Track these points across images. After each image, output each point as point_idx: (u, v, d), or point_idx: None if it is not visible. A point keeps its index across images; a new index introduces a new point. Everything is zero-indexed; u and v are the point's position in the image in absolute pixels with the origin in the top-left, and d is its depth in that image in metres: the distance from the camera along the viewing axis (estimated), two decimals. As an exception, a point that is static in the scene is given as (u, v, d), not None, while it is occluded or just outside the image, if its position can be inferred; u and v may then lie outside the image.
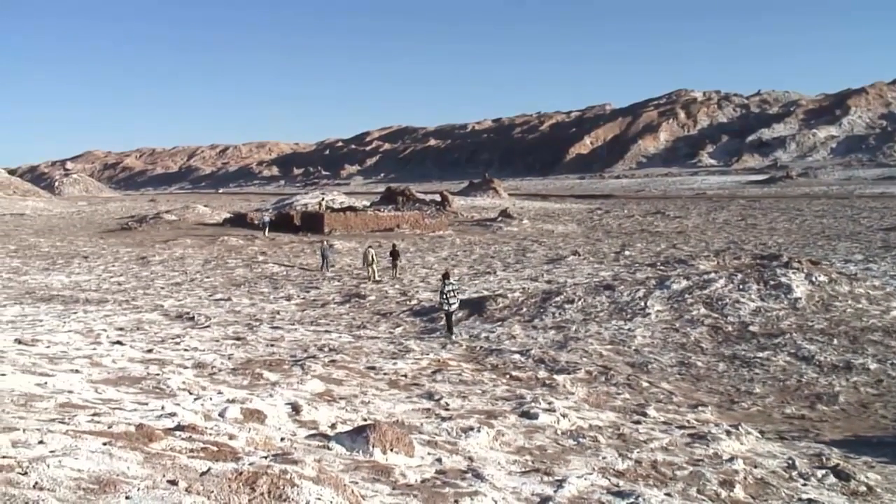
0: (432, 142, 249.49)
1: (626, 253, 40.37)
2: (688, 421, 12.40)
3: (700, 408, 13.49)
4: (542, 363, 16.23)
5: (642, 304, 21.68)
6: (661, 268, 32.32)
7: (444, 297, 19.78)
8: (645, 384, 14.91)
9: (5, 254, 39.84)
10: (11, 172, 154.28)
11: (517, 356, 16.81)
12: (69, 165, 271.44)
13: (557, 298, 22.78)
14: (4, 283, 29.63)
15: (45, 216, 71.41)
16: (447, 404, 12.38)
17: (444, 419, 11.20)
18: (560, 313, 21.52)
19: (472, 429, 10.44)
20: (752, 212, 70.76)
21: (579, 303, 22.24)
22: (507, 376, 15.08)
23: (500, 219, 61.04)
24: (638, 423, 11.99)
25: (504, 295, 24.13)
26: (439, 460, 8.68)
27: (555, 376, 15.00)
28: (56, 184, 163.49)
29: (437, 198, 73.56)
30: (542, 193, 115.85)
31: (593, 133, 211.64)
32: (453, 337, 19.50)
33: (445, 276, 20.84)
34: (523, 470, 8.81)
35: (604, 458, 9.73)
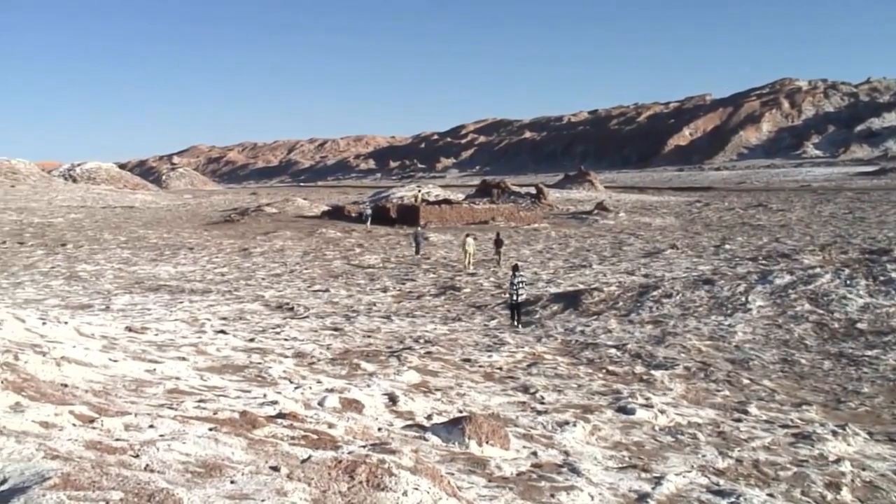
0: (528, 134, 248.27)
1: (727, 247, 39.48)
2: (791, 420, 12.07)
3: (804, 407, 13.10)
4: (638, 358, 16.04)
5: (743, 299, 21.18)
6: (763, 262, 31.57)
7: (514, 288, 20.34)
8: (746, 381, 14.58)
9: (116, 245, 41.31)
10: (122, 167, 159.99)
11: (613, 351, 16.64)
12: (175, 160, 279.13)
13: (655, 293, 22.45)
14: (115, 272, 30.74)
15: (153, 209, 73.71)
16: (543, 398, 12.35)
17: (539, 413, 11.19)
18: (657, 308, 21.21)
19: (567, 423, 10.41)
20: (860, 205, 68.30)
21: (677, 297, 21.87)
22: (604, 371, 14.95)
23: (595, 211, 60.41)
24: (739, 420, 11.75)
25: (600, 289, 23.91)
26: (535, 454, 8.67)
27: (652, 372, 14.81)
28: (163, 177, 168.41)
29: (533, 190, 73.23)
30: (638, 186, 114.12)
31: (693, 124, 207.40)
32: (520, 327, 19.99)
33: (515, 268, 21.43)
34: (620, 466, 8.74)
35: (703, 455, 9.57)
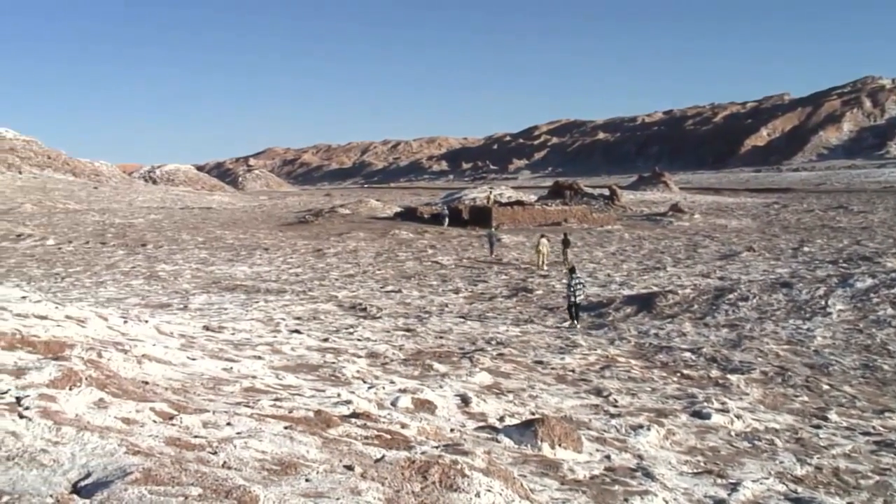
0: (601, 135, 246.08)
1: (805, 249, 38.58)
2: (873, 427, 11.74)
3: (886, 414, 12.73)
4: (714, 362, 15.78)
5: (823, 302, 20.67)
6: (844, 265, 30.79)
7: (571, 289, 20.73)
8: (825, 387, 14.23)
9: (194, 245, 42.16)
10: (200, 169, 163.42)
11: (688, 354, 16.41)
12: (251, 162, 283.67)
13: (731, 296, 22.05)
14: (193, 272, 31.38)
15: (230, 210, 75.05)
16: (616, 401, 12.24)
17: (612, 416, 11.09)
18: (733, 311, 20.83)
19: (641, 427, 10.30)
20: (946, 206, 66.12)
21: (754, 300, 21.44)
22: (678, 374, 14.76)
23: (670, 213, 59.60)
24: (818, 427, 11.48)
25: (674, 291, 23.57)
26: (608, 457, 8.60)
27: (728, 376, 14.56)
28: (240, 179, 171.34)
29: (606, 192, 72.57)
30: (714, 187, 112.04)
31: (770, 124, 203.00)
32: (577, 327, 20.24)
33: (572, 270, 22.17)
34: (695, 471, 8.62)
35: (781, 462, 9.38)
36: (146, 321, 14.26)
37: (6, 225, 47.56)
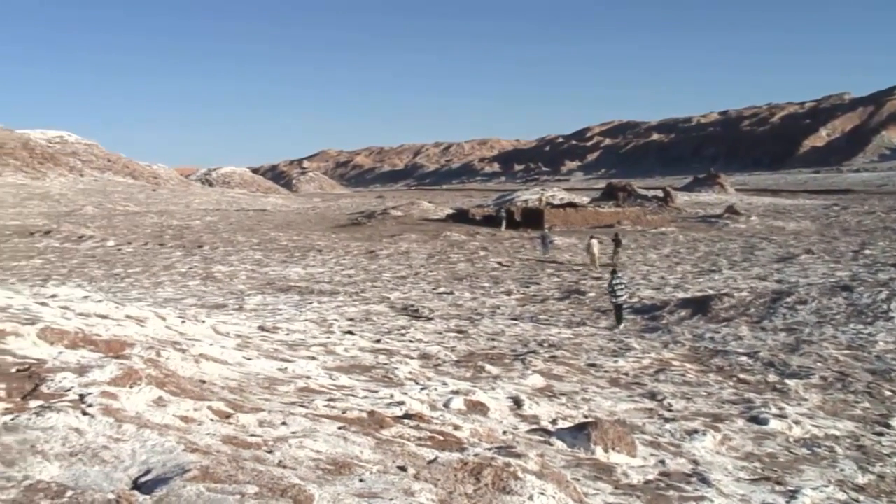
0: (655, 136, 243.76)
1: (867, 252, 37.79)
2: (937, 434, 11.48)
3: (951, 421, 12.43)
4: (771, 366, 15.54)
5: (885, 306, 20.24)
6: (906, 268, 30.08)
7: (612, 289, 21.14)
8: (888, 393, 13.92)
9: (249, 247, 42.67)
10: (254, 171, 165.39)
11: (744, 358, 16.19)
12: (305, 164, 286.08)
13: (789, 299, 21.71)
14: (248, 273, 31.77)
15: (284, 212, 75.79)
16: (670, 405, 12.13)
17: (667, 420, 10.99)
18: (791, 315, 20.50)
19: (696, 431, 10.20)
20: None
21: (813, 304, 21.08)
22: (734, 379, 14.56)
23: (726, 215, 58.81)
24: (880, 434, 11.24)
25: (730, 294, 23.26)
26: (662, 462, 8.53)
27: (786, 381, 14.32)
28: (293, 181, 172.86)
29: (660, 193, 71.85)
30: (771, 188, 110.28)
31: (830, 124, 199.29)
32: (621, 327, 20.53)
33: (614, 271, 22.69)
34: (752, 477, 8.50)
35: (841, 470, 9.21)
36: (203, 321, 14.47)
37: (69, 227, 48.62)
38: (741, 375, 14.82)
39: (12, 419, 5.35)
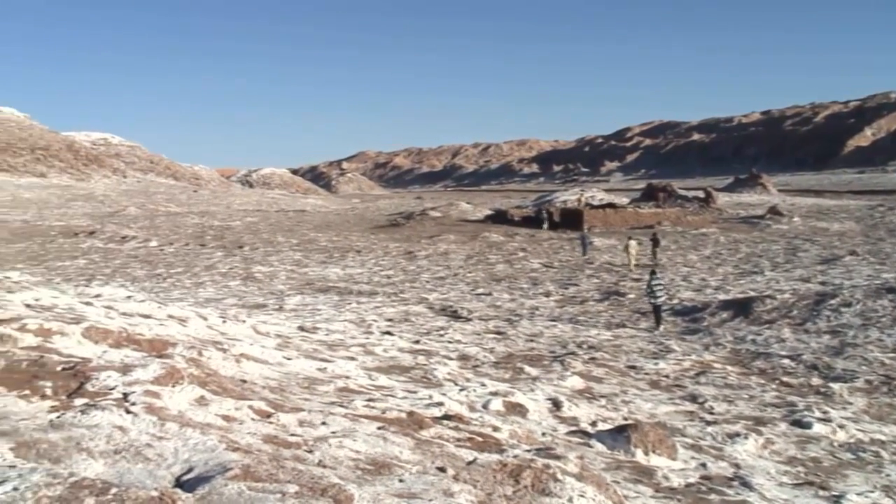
0: (695, 136, 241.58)
1: (913, 253, 37.19)
2: None
3: None
4: (815, 369, 15.34)
5: (931, 309, 19.88)
6: (954, 270, 29.53)
7: (651, 290, 20.96)
8: (934, 397, 13.68)
9: (289, 247, 42.96)
10: (294, 172, 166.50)
11: (787, 361, 15.99)
12: (344, 165, 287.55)
13: (833, 301, 21.39)
14: (288, 274, 31.99)
15: (323, 213, 76.21)
16: (711, 408, 12.02)
17: (708, 423, 10.90)
18: (835, 317, 20.21)
19: (738, 435, 10.09)
20: None
21: (858, 306, 20.75)
22: (777, 382, 14.39)
23: (768, 216, 58.15)
24: (927, 438, 11.04)
25: (772, 296, 22.99)
26: (703, 465, 8.45)
27: (830, 384, 14.12)
28: (333, 182, 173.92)
29: (701, 194, 71.21)
30: (815, 189, 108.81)
31: (875, 124, 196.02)
32: (661, 328, 20.31)
33: (653, 272, 22.29)
34: (795, 482, 8.39)
35: (887, 475, 9.07)
36: (244, 321, 14.59)
37: (112, 227, 49.31)
38: (784, 378, 14.65)
39: (58, 417, 5.44)
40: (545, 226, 51.85)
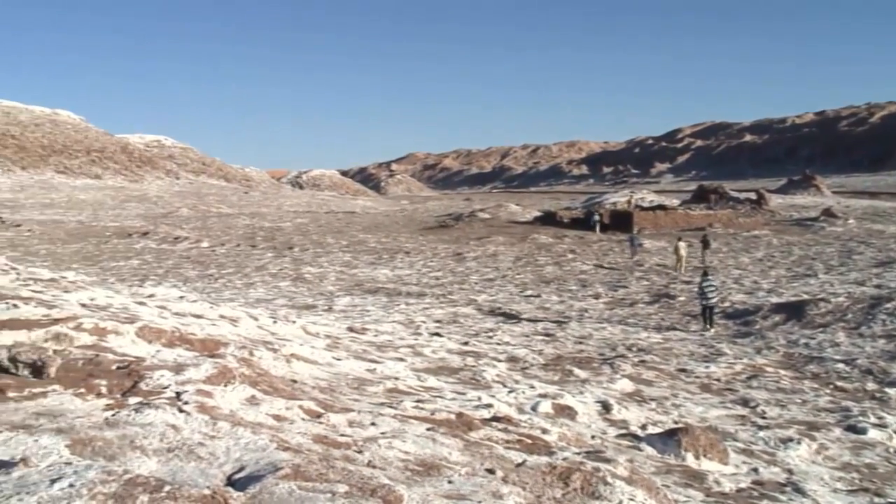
0: (748, 137, 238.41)
1: (973, 256, 36.30)
2: None
3: None
4: (870, 374, 15.05)
5: None
6: None
7: (702, 291, 20.77)
8: None
9: (338, 249, 43.26)
10: (344, 174, 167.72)
11: (841, 365, 15.72)
12: (393, 167, 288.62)
13: (888, 305, 20.96)
14: (337, 275, 32.21)
15: (372, 214, 76.58)
16: (764, 412, 11.86)
17: (760, 427, 10.75)
18: (891, 321, 19.79)
19: (791, 440, 9.94)
20: None
21: (915, 310, 20.32)
22: (831, 386, 14.15)
23: (822, 218, 57.16)
24: None
25: (826, 299, 22.60)
26: (755, 470, 8.35)
27: (886, 389, 13.85)
28: (382, 184, 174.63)
29: (753, 196, 70.25)
30: (870, 191, 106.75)
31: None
32: (712, 331, 20.18)
33: (705, 273, 22.23)
34: (850, 488, 8.24)
35: (945, 482, 8.85)
36: (294, 321, 14.72)
37: (165, 228, 50.05)
38: (838, 383, 14.40)
39: (113, 415, 5.53)
40: (597, 228, 51.52)
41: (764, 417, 11.54)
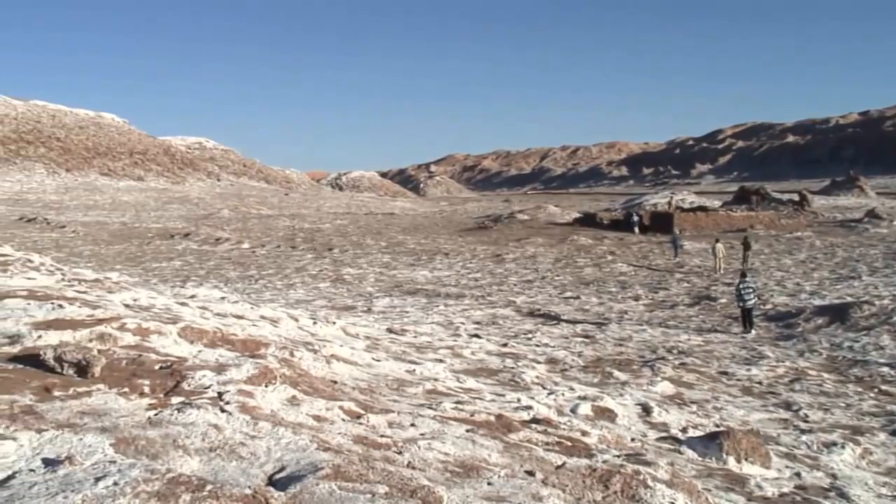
0: (790, 138, 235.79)
1: None
2: None
3: None
4: (916, 378, 14.79)
5: None
6: None
7: (739, 294, 20.44)
8: None
9: (377, 250, 43.42)
10: (383, 176, 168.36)
11: (886, 369, 15.46)
12: (433, 168, 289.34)
13: (935, 308, 20.59)
14: (377, 276, 32.32)
15: (411, 215, 76.78)
16: (806, 416, 11.71)
17: (803, 431, 10.62)
18: (938, 324, 19.44)
19: (835, 444, 9.81)
20: None
21: (962, 313, 19.93)
22: (875, 390, 13.92)
23: (866, 219, 56.28)
24: None
25: (870, 302, 22.22)
26: (798, 474, 8.24)
27: (932, 393, 13.61)
28: (421, 185, 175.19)
29: (795, 197, 69.42)
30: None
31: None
32: (752, 333, 19.95)
33: (743, 275, 21.77)
34: (894, 494, 8.11)
35: None
36: (333, 322, 14.80)
37: (206, 229, 50.59)
38: (883, 387, 14.17)
39: (156, 414, 5.60)
40: (636, 230, 51.23)
41: (807, 421, 11.39)
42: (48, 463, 4.44)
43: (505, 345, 16.22)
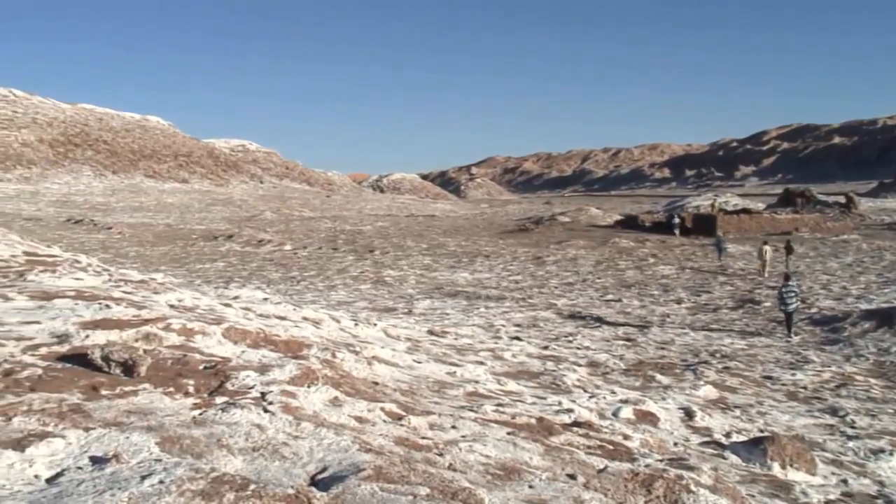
0: (836, 139, 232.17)
1: None
2: None
3: None
4: (967, 384, 14.49)
5: None
6: None
7: (782, 297, 20.31)
8: None
9: (418, 252, 43.51)
10: (424, 178, 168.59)
11: (936, 375, 15.18)
12: (473, 170, 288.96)
13: None
14: (417, 278, 32.38)
15: (452, 217, 76.82)
16: (853, 422, 11.53)
17: (849, 437, 10.47)
18: None
19: (882, 451, 9.65)
20: None
21: None
22: (925, 396, 13.67)
23: (915, 222, 55.36)
24: None
25: (920, 306, 21.85)
26: (845, 481, 8.12)
27: (983, 400, 13.32)
28: (461, 187, 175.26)
29: (841, 199, 68.45)
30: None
31: None
32: (796, 338, 19.64)
33: (786, 277, 21.75)
34: (945, 502, 7.95)
35: None
36: (374, 324, 14.86)
37: (249, 231, 51.04)
38: (933, 393, 13.91)
39: (200, 414, 5.67)
40: (677, 232, 50.83)
41: (853, 427, 11.22)
42: (95, 461, 4.52)
43: (546, 347, 16.18)
